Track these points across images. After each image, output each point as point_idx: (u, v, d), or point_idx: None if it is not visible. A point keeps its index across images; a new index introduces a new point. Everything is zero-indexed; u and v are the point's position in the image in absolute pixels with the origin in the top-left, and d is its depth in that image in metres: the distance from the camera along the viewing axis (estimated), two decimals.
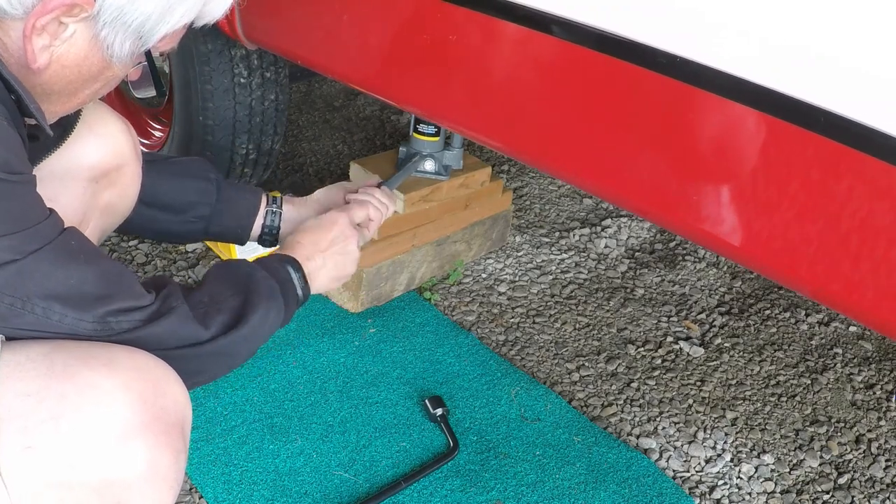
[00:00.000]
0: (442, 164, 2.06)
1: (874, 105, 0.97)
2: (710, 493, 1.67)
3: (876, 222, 1.03)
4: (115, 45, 1.07)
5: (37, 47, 1.03)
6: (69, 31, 1.04)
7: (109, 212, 1.52)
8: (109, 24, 1.04)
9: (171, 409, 1.07)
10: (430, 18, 1.41)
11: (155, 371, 1.07)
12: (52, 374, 1.01)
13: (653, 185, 1.24)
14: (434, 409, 1.72)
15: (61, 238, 1.07)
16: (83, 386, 1.00)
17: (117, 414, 1.01)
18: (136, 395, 1.02)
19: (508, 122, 1.41)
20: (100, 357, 1.04)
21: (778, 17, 1.03)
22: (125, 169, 1.49)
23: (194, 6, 1.10)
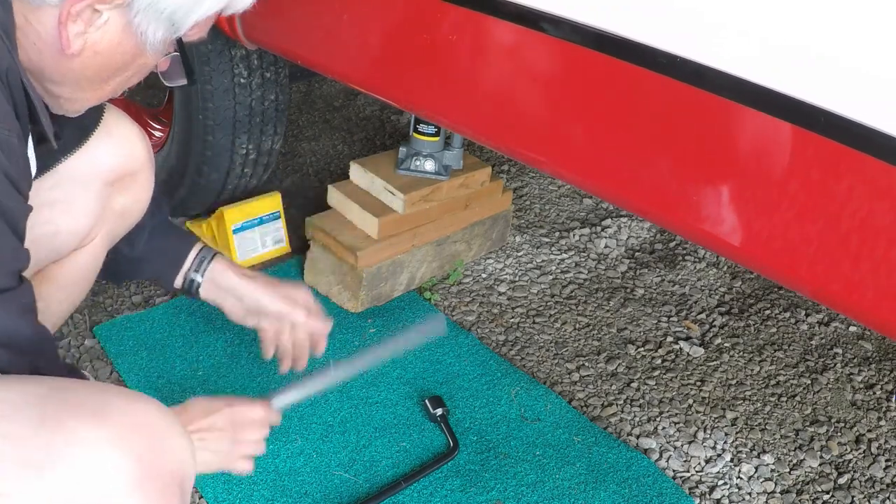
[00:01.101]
0: (442, 164, 2.05)
1: (874, 105, 0.97)
2: (710, 493, 1.67)
3: (876, 222, 1.03)
4: (147, 32, 1.07)
5: (71, 33, 1.03)
6: (103, 18, 1.04)
7: (123, 217, 1.53)
8: (143, 12, 1.05)
9: (168, 466, 0.99)
10: (429, 18, 1.41)
11: (154, 425, 1.00)
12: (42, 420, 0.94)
13: (653, 186, 1.24)
14: (434, 409, 1.72)
15: None
16: (70, 436, 0.93)
17: (105, 471, 0.93)
18: (128, 450, 0.95)
19: (507, 122, 1.41)
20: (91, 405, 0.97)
21: (778, 16, 1.03)
22: (140, 175, 1.51)
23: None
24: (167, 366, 1.81)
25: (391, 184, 2.00)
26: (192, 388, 1.76)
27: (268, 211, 2.15)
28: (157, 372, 1.79)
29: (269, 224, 2.16)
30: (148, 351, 1.84)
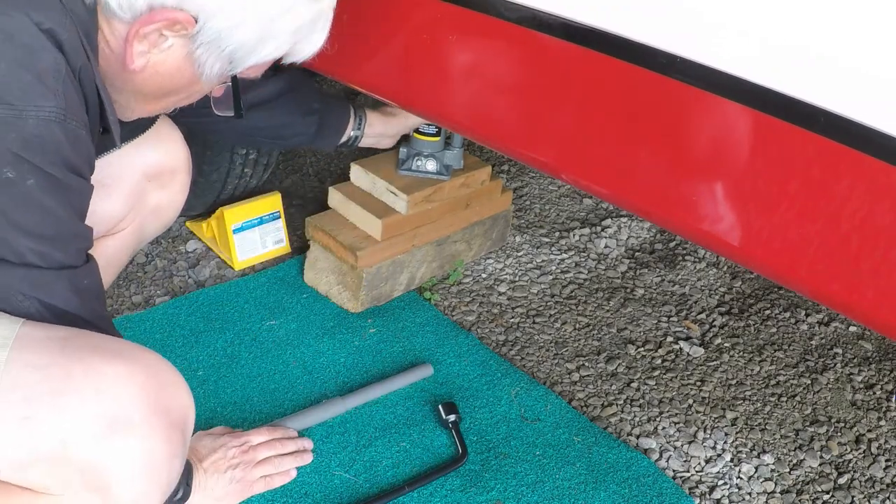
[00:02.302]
0: (443, 164, 2.05)
1: (874, 105, 0.97)
2: (710, 493, 1.67)
3: (876, 222, 1.03)
4: (206, 64, 1.14)
5: (136, 51, 1.10)
6: (168, 43, 1.11)
7: (155, 214, 1.61)
8: (205, 45, 1.11)
9: (174, 409, 1.08)
10: (427, 17, 1.41)
11: (164, 373, 1.09)
12: (63, 353, 1.03)
13: (652, 186, 1.24)
14: (447, 416, 1.71)
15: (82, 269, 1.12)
16: (89, 369, 1.02)
17: (118, 401, 1.02)
18: (140, 387, 1.04)
19: (506, 122, 1.41)
20: (112, 348, 1.06)
21: (778, 16, 1.03)
22: (178, 175, 1.60)
23: (285, 44, 1.17)
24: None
25: (394, 185, 2.00)
26: (192, 388, 1.75)
27: (268, 211, 2.15)
28: None
29: (269, 224, 2.16)
30: None
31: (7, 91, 0.97)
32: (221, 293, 2.03)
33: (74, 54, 1.03)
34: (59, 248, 1.07)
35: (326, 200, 2.09)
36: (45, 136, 1.00)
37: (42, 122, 0.99)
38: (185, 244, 2.19)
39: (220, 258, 2.16)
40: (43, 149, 1.00)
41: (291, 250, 2.21)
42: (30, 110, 0.98)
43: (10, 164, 0.98)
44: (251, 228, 2.13)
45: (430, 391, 1.82)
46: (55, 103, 1.00)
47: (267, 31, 1.13)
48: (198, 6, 1.07)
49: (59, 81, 1.01)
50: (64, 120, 1.01)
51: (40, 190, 1.02)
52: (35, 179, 1.01)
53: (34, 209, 1.03)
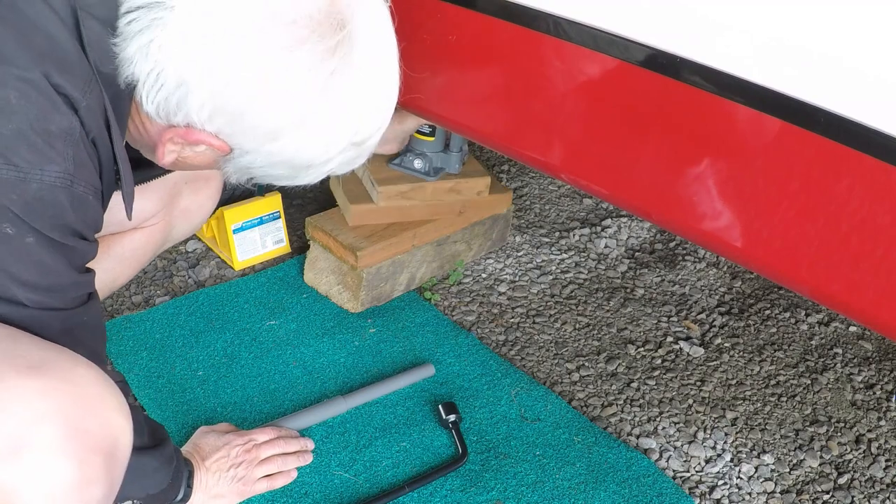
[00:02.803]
0: (433, 166, 2.00)
1: (874, 105, 0.97)
2: (710, 493, 1.67)
3: (876, 222, 1.03)
4: (231, 176, 1.14)
5: (167, 150, 1.10)
6: (200, 149, 1.09)
7: (185, 216, 1.62)
8: (236, 168, 1.11)
9: (95, 432, 0.97)
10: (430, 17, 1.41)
11: (91, 388, 0.99)
12: None
13: (652, 186, 1.24)
14: (447, 416, 1.71)
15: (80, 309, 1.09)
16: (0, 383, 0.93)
17: (24, 421, 0.93)
18: (53, 405, 0.94)
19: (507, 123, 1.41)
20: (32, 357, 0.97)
21: (778, 16, 1.03)
22: (212, 182, 1.61)
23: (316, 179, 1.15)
24: (167, 366, 1.81)
25: (374, 175, 2.01)
26: (191, 388, 1.76)
27: (268, 211, 2.15)
28: (157, 372, 1.79)
29: (269, 224, 2.16)
30: (148, 351, 1.84)
31: (14, 153, 0.94)
32: (221, 293, 2.03)
33: (91, 120, 1.01)
34: (56, 297, 1.05)
35: (327, 201, 2.09)
36: (48, 200, 0.98)
37: (46, 186, 0.97)
38: (185, 244, 2.19)
39: (220, 258, 2.16)
40: (44, 213, 0.98)
41: (291, 250, 2.21)
42: (34, 174, 0.96)
43: (9, 221, 0.96)
44: (251, 228, 2.13)
45: (430, 391, 1.82)
46: (62, 168, 0.98)
47: (300, 173, 1.12)
48: (236, 142, 1.06)
49: (70, 145, 0.98)
50: (70, 185, 0.99)
51: (40, 247, 1.00)
52: (35, 238, 0.99)
53: (32, 264, 1.00)
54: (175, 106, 1.02)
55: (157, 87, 1.02)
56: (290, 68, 1.00)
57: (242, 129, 1.04)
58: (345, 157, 1.12)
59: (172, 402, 1.72)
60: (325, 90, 1.03)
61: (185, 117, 1.03)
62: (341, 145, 1.10)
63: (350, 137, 1.09)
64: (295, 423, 1.66)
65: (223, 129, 1.04)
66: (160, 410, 1.69)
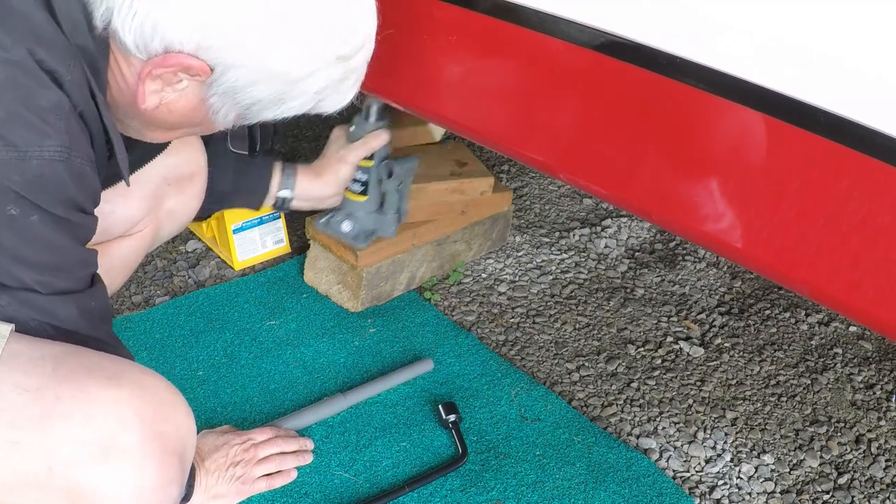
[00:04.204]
0: (363, 229, 1.78)
1: (874, 105, 0.97)
2: (710, 493, 1.67)
3: (876, 223, 1.03)
4: (220, 112, 1.11)
5: (148, 90, 1.07)
6: (182, 84, 1.07)
7: (171, 217, 1.60)
8: (220, 95, 1.08)
9: (170, 435, 1.05)
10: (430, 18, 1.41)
11: (161, 394, 1.06)
12: (55, 374, 1.00)
13: (652, 186, 1.24)
14: (447, 416, 1.71)
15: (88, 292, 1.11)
16: (80, 393, 0.99)
17: (109, 427, 0.99)
18: (134, 412, 1.01)
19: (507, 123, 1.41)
20: (107, 369, 1.03)
21: (779, 17, 1.03)
22: (196, 179, 1.59)
23: (306, 104, 1.12)
24: (167, 366, 1.81)
25: None
26: (191, 388, 1.76)
27: (268, 211, 2.15)
28: (157, 372, 1.79)
29: (269, 224, 2.16)
30: (148, 351, 1.84)
31: (10, 131, 0.95)
32: (221, 293, 2.03)
33: (77, 93, 1.01)
34: (63, 276, 1.06)
35: None
36: (49, 175, 0.99)
37: (46, 162, 0.97)
38: (185, 244, 2.19)
39: (220, 258, 2.16)
40: (46, 189, 0.99)
41: (291, 250, 2.21)
42: (33, 150, 0.96)
43: (13, 202, 0.97)
44: (251, 228, 2.13)
45: (430, 391, 1.82)
46: (58, 142, 0.98)
47: (287, 93, 1.09)
48: (215, 56, 1.04)
49: (62, 119, 0.99)
50: (68, 158, 1.00)
51: (44, 225, 1.01)
52: (39, 216, 1.00)
53: (38, 243, 1.02)
54: (151, 28, 1.01)
55: (133, 13, 1.01)
56: None
57: (221, 38, 1.02)
58: (331, 75, 1.09)
59: None
60: None
61: (161, 40, 1.02)
62: (327, 56, 1.07)
63: (335, 48, 1.07)
64: (295, 423, 1.66)
65: (202, 44, 1.02)
66: None
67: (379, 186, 1.72)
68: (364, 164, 1.72)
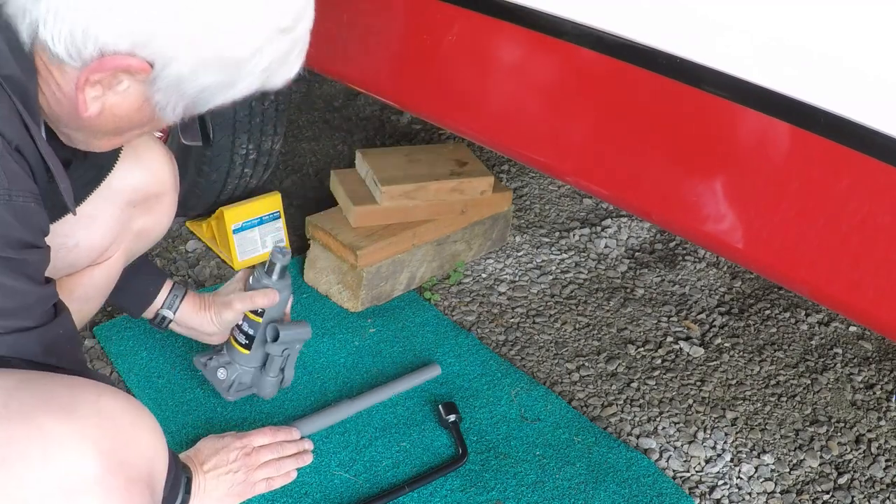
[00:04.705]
0: (239, 381, 1.67)
1: (874, 106, 0.97)
2: (710, 493, 1.67)
3: (876, 223, 1.03)
4: (167, 107, 1.05)
5: (88, 97, 1.01)
6: (123, 86, 1.01)
7: (141, 237, 1.54)
8: (164, 90, 1.03)
9: (134, 461, 1.00)
10: (425, 16, 1.41)
11: (122, 418, 1.01)
12: (6, 410, 0.95)
13: (653, 187, 1.24)
14: (447, 416, 1.71)
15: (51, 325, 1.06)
16: (35, 430, 0.94)
17: (67, 465, 0.94)
18: (92, 444, 0.96)
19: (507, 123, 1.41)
20: (61, 397, 0.98)
21: (779, 17, 1.03)
22: (164, 198, 1.52)
23: (255, 83, 1.07)
24: (167, 366, 1.81)
25: (377, 175, 2.01)
26: (191, 388, 1.76)
27: (268, 211, 2.15)
28: (157, 372, 1.79)
29: (269, 224, 2.16)
30: (148, 351, 1.84)
31: None
32: None
33: (9, 128, 0.96)
34: (24, 316, 1.02)
35: (327, 200, 2.09)
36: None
37: None
38: (185, 244, 2.19)
39: (220, 258, 2.16)
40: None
41: (291, 250, 2.20)
42: None
43: None
44: (251, 228, 2.13)
45: (430, 391, 1.82)
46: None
47: (234, 75, 1.04)
48: (153, 52, 0.97)
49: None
50: (9, 199, 0.95)
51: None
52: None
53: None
54: (82, 34, 0.95)
55: (59, 21, 0.95)
56: None
57: (156, 32, 0.97)
58: (276, 49, 1.04)
59: (172, 402, 1.72)
60: None
61: (94, 44, 0.96)
62: (267, 30, 1.02)
63: (275, 21, 1.02)
64: (305, 429, 1.66)
65: (137, 41, 0.96)
66: (160, 410, 1.69)
67: (263, 346, 1.64)
68: (253, 318, 1.63)
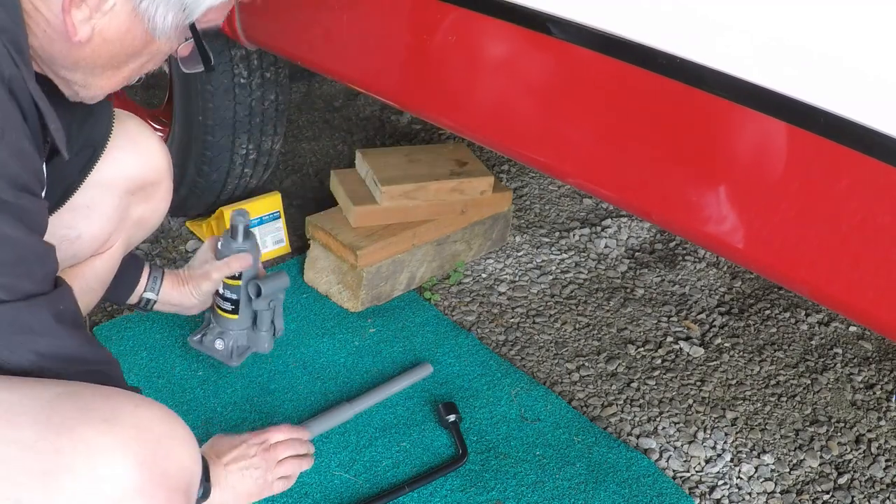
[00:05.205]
0: (237, 345, 1.74)
1: (874, 106, 0.97)
2: (710, 493, 1.67)
3: (876, 223, 1.03)
4: (156, 17, 1.04)
5: (76, 20, 1.01)
6: (109, 4, 1.01)
7: (140, 225, 1.56)
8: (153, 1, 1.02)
9: (173, 472, 1.03)
10: (428, 18, 1.41)
11: (159, 429, 1.03)
12: (49, 424, 0.96)
13: (653, 187, 1.24)
14: (447, 416, 1.71)
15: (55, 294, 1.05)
16: (80, 443, 0.96)
17: (112, 477, 0.96)
18: (134, 457, 0.98)
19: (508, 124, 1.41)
20: (101, 410, 1.00)
21: (779, 17, 1.03)
22: (161, 185, 1.53)
23: None
24: (167, 366, 1.81)
25: (377, 175, 2.01)
26: (191, 388, 1.76)
27: (268, 211, 2.15)
28: (157, 372, 1.79)
29: (269, 224, 2.16)
30: (148, 351, 1.84)
31: None
32: None
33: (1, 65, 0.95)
34: (23, 275, 1.00)
35: (327, 200, 2.10)
36: None
37: None
38: (185, 244, 2.19)
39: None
40: None
41: (291, 250, 2.21)
42: None
43: None
44: (251, 228, 2.13)
45: (430, 391, 1.82)
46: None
47: None
48: None
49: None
50: (2, 135, 0.94)
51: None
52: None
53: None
54: None
55: None
56: None
57: None
58: None
59: (172, 402, 1.72)
60: None
61: None
62: None
63: None
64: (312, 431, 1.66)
65: None
66: None
67: (249, 305, 1.70)
68: (232, 283, 1.68)
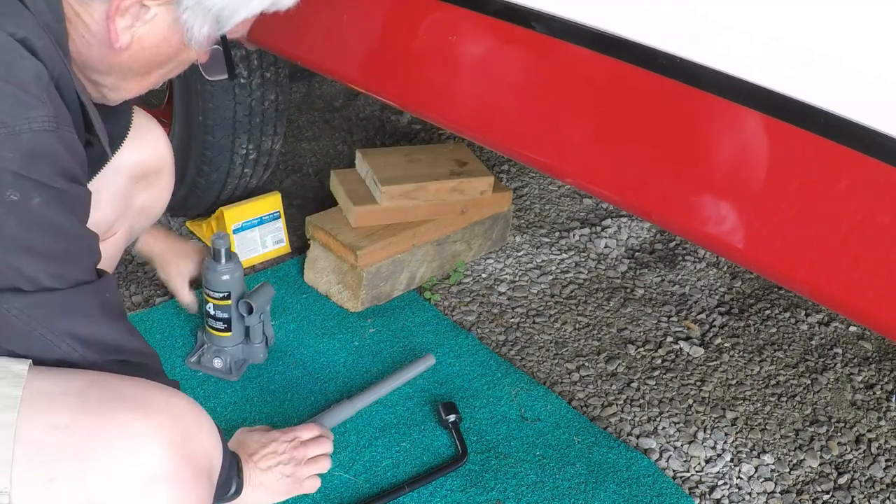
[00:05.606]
0: (234, 360, 1.80)
1: (874, 106, 0.97)
2: (710, 493, 1.67)
3: (875, 223, 1.03)
4: (194, 28, 1.11)
5: (119, 27, 1.07)
6: (151, 14, 1.08)
7: (143, 214, 1.59)
8: (191, 9, 1.09)
9: (199, 456, 1.07)
10: (430, 18, 1.41)
11: (188, 417, 1.08)
12: (84, 409, 1.01)
13: (652, 187, 1.24)
14: (447, 416, 1.71)
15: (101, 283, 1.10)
16: (114, 426, 1.01)
17: (145, 458, 1.01)
18: (167, 440, 1.03)
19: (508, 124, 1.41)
20: (135, 398, 1.05)
21: (779, 16, 1.03)
22: (163, 173, 1.58)
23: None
24: (167, 366, 1.81)
25: (377, 175, 2.01)
26: (191, 388, 1.76)
27: (268, 211, 2.15)
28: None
29: (269, 224, 2.16)
30: None
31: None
32: None
33: (51, 62, 1.00)
34: (74, 263, 1.05)
35: (327, 200, 2.10)
36: (42, 147, 0.97)
37: (36, 133, 0.96)
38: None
39: None
40: (42, 162, 0.98)
41: (291, 250, 2.21)
42: (22, 124, 0.95)
43: (11, 186, 0.96)
44: (251, 228, 2.13)
45: (430, 391, 1.82)
46: (45, 112, 0.97)
47: None
48: None
49: (43, 89, 0.98)
50: (57, 128, 0.99)
51: (46, 206, 1.00)
52: (40, 197, 0.98)
53: (44, 228, 1.00)
54: None
55: None
56: None
57: None
58: None
59: None
60: None
61: None
62: None
63: None
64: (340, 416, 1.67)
65: None
66: None
67: (241, 321, 1.77)
68: (222, 303, 1.74)
